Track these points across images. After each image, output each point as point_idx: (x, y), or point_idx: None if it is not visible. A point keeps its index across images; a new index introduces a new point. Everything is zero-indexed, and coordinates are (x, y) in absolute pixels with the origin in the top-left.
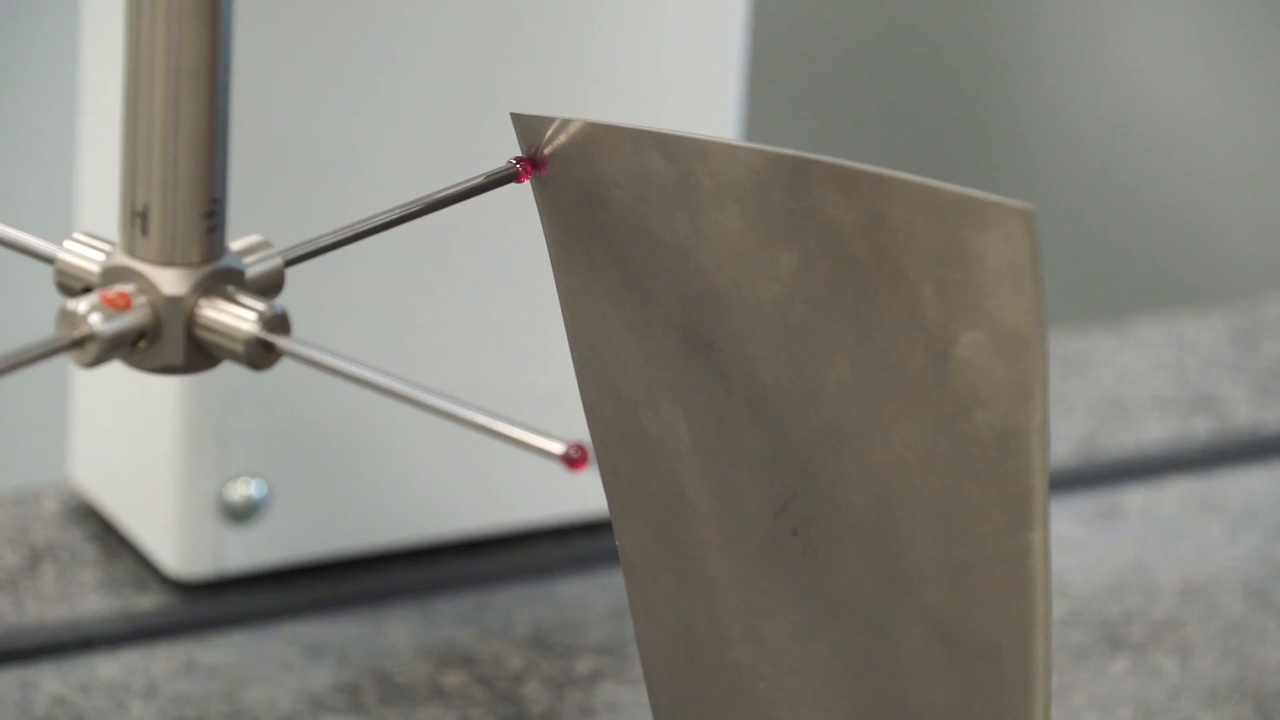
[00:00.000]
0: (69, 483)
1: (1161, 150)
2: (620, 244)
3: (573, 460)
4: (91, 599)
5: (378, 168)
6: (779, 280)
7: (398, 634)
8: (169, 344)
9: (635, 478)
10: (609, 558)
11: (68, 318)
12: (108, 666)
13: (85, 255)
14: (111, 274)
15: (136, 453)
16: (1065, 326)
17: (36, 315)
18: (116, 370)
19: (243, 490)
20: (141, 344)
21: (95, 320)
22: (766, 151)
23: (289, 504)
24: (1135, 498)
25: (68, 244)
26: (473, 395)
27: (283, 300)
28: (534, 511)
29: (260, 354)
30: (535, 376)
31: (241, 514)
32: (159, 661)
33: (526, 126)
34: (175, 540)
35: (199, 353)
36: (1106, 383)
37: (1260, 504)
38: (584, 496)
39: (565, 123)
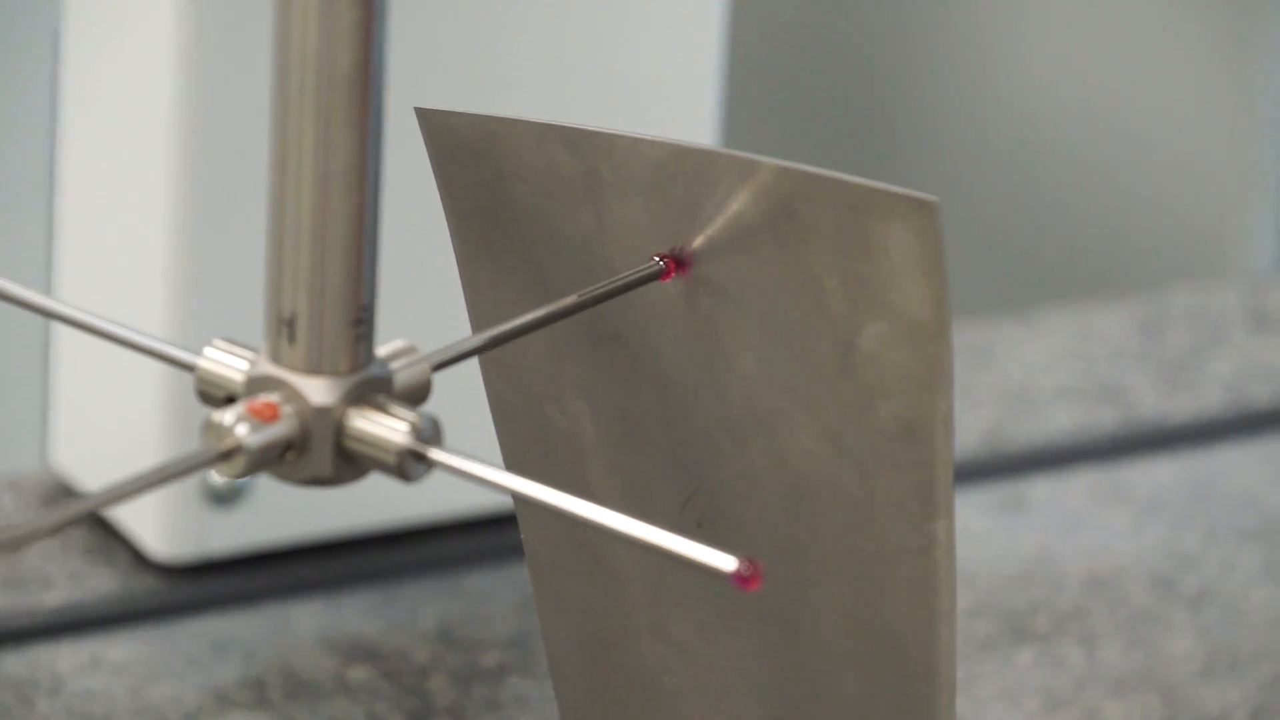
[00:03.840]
0: (50, 467)
1: (1067, 141)
2: (525, 238)
3: (745, 578)
4: (73, 583)
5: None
6: (684, 274)
7: (303, 628)
8: (317, 456)
9: (541, 472)
10: (515, 552)
11: (214, 429)
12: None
13: (227, 363)
14: (256, 383)
15: (119, 436)
16: (972, 318)
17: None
18: (98, 354)
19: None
20: (289, 455)
21: (242, 432)
22: (671, 145)
23: (274, 487)
24: (1041, 488)
25: (208, 351)
26: None
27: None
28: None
29: (413, 466)
30: None
31: (226, 499)
32: (64, 659)
33: (431, 121)
34: (159, 524)
35: (348, 464)
36: (1012, 374)
37: (1166, 494)
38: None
39: (469, 117)
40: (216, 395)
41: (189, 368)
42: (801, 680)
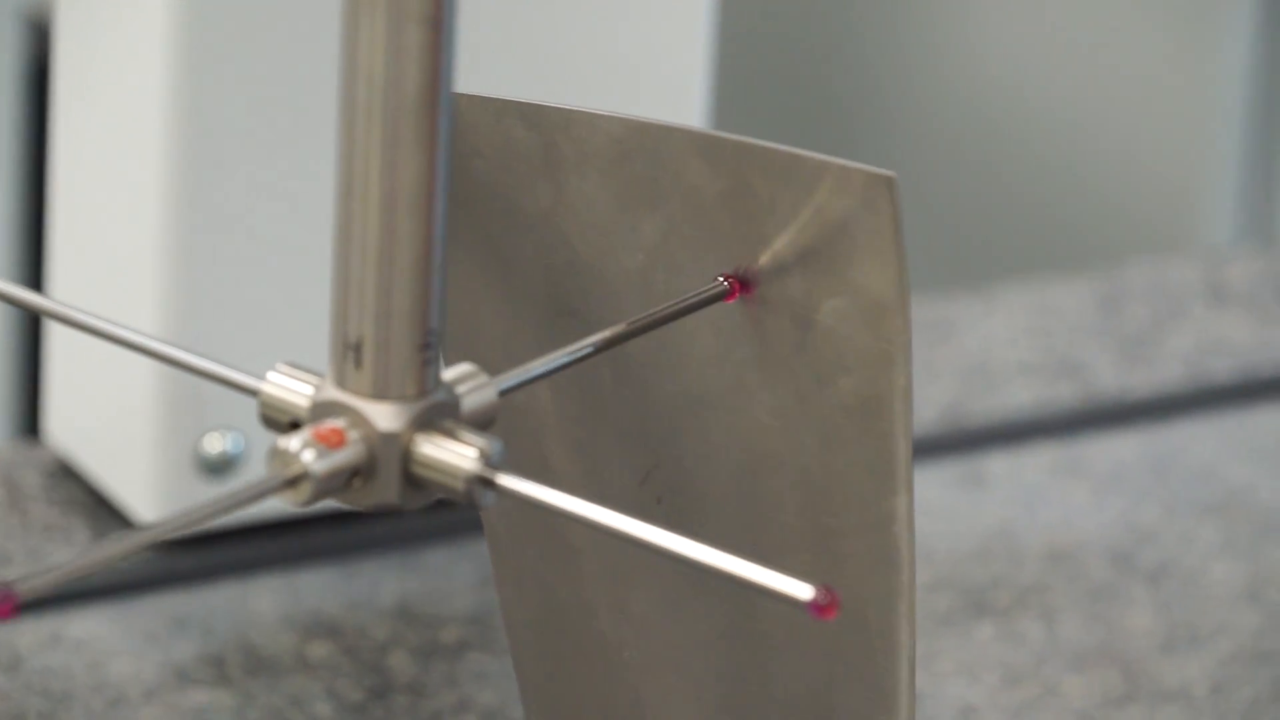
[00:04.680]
0: (45, 439)
1: (1026, 117)
2: (483, 214)
3: (822, 606)
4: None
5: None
6: (642, 249)
7: (263, 605)
8: (384, 482)
9: None
10: (474, 528)
11: (280, 456)
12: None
13: (291, 388)
14: (322, 408)
15: (113, 408)
16: (931, 293)
17: None
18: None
19: (219, 444)
20: (355, 482)
21: (308, 458)
22: (629, 120)
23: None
24: (1000, 464)
25: (272, 376)
26: None
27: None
28: None
29: (481, 492)
30: None
31: (218, 468)
32: (24, 635)
33: None
34: (152, 495)
35: (415, 490)
36: (972, 349)
37: (1125, 469)
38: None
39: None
40: (280, 420)
41: (252, 392)
42: (760, 655)
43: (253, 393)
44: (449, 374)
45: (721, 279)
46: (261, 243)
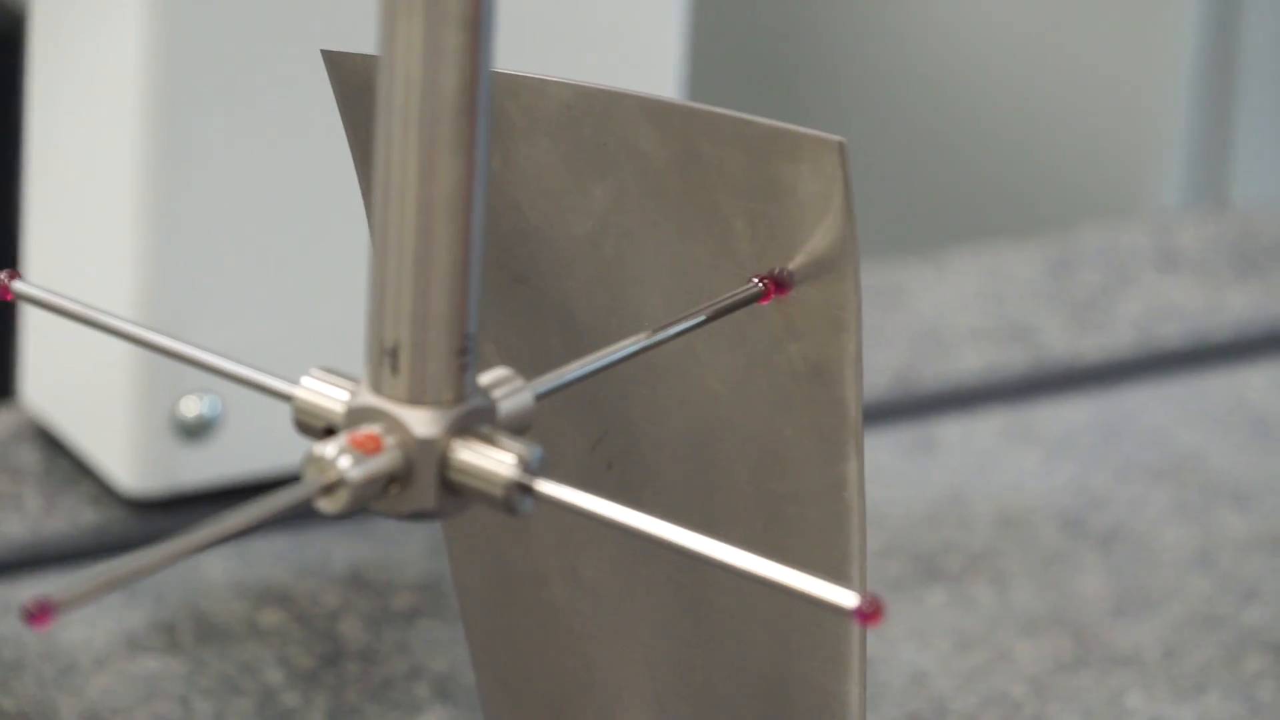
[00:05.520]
0: (19, 401)
1: (975, 81)
2: None
3: (866, 615)
4: (44, 517)
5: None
6: (592, 215)
7: (214, 572)
8: (421, 489)
9: None
10: None
11: (316, 462)
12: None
13: (326, 393)
14: (357, 414)
15: (89, 371)
16: (881, 258)
17: None
18: (65, 291)
19: (196, 407)
20: (392, 489)
21: (345, 465)
22: (577, 85)
23: (244, 423)
24: (951, 429)
25: (306, 381)
26: None
27: None
28: None
29: (520, 498)
30: None
31: (195, 431)
32: None
33: (338, 64)
34: (129, 458)
35: (452, 497)
36: (923, 314)
37: (1076, 434)
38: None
39: (375, 59)
40: (315, 426)
41: (286, 398)
42: (712, 622)
43: (286, 398)
44: (485, 378)
45: (756, 281)
46: (237, 233)
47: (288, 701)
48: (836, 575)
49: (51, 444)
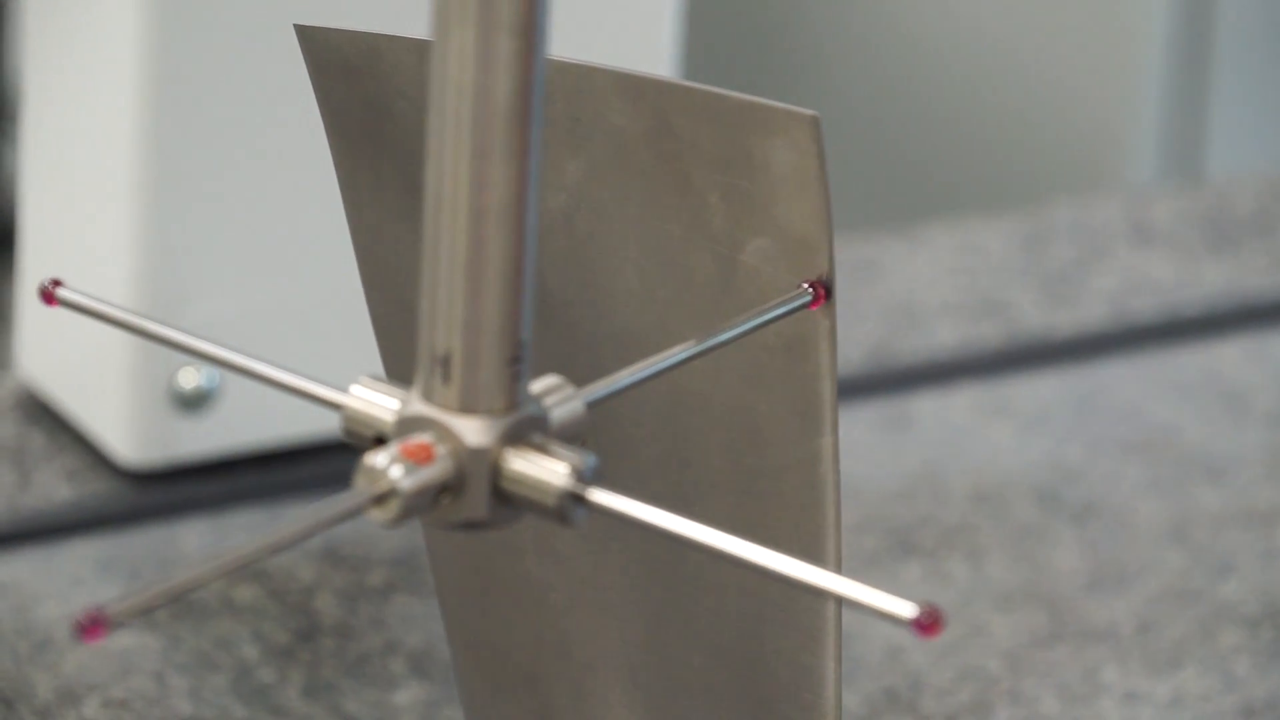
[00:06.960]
0: (16, 374)
1: (949, 56)
2: (406, 156)
3: (925, 626)
4: (41, 488)
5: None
6: (565, 189)
7: (189, 547)
8: (473, 498)
9: None
10: None
11: (368, 472)
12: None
13: (376, 402)
14: (408, 423)
15: (87, 342)
16: (855, 233)
17: None
18: (64, 259)
19: (193, 379)
20: (443, 499)
21: (396, 474)
22: (551, 60)
23: (241, 393)
24: (926, 403)
25: (355, 389)
26: None
27: None
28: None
29: (573, 509)
30: None
31: (192, 403)
32: None
33: (311, 40)
34: (127, 430)
35: (504, 506)
36: (897, 289)
37: (1050, 408)
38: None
39: (349, 34)
40: (365, 435)
41: (335, 406)
42: (687, 596)
43: (335, 406)
44: (536, 386)
45: (805, 285)
46: (232, 214)
47: (263, 677)
48: (811, 550)
49: (49, 415)
